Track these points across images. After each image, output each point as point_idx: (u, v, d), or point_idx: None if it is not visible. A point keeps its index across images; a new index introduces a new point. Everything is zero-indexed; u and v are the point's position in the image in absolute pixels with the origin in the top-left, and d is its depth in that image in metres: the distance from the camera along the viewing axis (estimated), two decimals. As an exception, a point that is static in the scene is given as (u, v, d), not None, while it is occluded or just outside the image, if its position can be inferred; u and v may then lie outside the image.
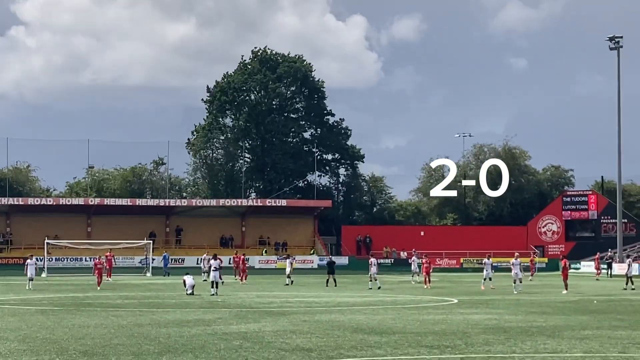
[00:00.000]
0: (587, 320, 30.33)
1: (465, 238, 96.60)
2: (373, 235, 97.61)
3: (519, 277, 50.27)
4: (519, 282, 50.08)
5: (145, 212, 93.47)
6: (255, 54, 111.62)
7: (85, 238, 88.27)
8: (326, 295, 46.40)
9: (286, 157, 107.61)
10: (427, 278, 54.72)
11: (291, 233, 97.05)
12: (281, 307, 37.29)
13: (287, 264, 60.39)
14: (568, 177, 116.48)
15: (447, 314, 33.07)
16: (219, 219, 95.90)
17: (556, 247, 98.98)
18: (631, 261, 58.72)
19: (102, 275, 54.25)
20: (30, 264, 52.72)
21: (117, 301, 40.79)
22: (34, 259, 54.57)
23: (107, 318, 31.08)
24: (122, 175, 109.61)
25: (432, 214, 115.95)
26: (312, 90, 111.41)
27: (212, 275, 46.11)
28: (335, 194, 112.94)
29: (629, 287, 53.48)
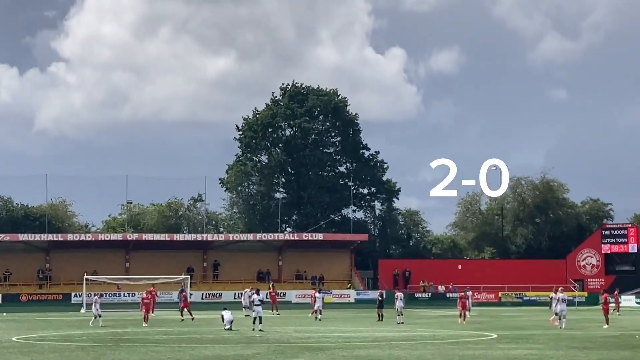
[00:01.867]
0: (629, 356, 29.96)
1: (503, 272, 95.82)
2: (410, 268, 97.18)
3: (563, 313, 47.60)
4: (563, 318, 47.51)
5: (182, 247, 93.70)
6: (284, 90, 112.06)
7: (124, 273, 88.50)
8: (364, 330, 46.19)
9: (322, 191, 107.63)
10: (462, 313, 53.58)
11: (328, 267, 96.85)
12: (319, 342, 37.15)
13: (318, 298, 59.51)
14: (607, 210, 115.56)
15: (487, 349, 32.79)
16: (256, 254, 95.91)
17: (596, 280, 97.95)
18: None
19: (149, 310, 53.25)
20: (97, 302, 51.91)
21: (156, 337, 40.84)
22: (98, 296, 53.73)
23: (147, 354, 31.10)
24: (159, 210, 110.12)
25: (469, 248, 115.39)
26: (346, 123, 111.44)
27: (256, 310, 44.95)
28: (371, 227, 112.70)
29: None
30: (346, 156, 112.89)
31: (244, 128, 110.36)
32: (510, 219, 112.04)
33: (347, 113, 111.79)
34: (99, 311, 51.36)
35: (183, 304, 61.44)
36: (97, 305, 51.51)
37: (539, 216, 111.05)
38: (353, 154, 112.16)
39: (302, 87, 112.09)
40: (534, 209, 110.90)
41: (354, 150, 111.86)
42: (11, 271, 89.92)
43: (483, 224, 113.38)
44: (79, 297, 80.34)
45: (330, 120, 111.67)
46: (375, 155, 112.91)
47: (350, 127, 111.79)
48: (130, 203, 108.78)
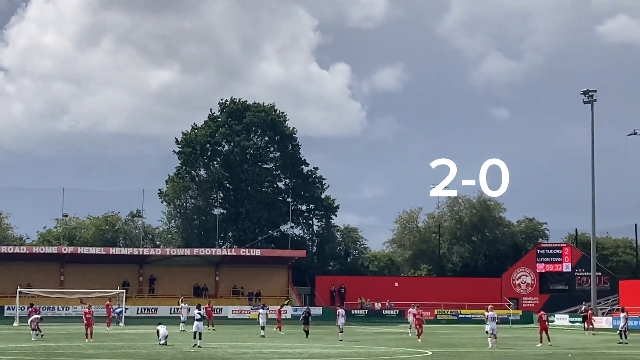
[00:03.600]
0: (561, 374, 30.28)
1: (439, 289, 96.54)
2: (347, 285, 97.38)
3: (494, 332, 47.23)
4: (494, 337, 47.18)
5: (118, 261, 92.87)
6: (222, 105, 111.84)
7: (58, 287, 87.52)
8: (300, 346, 46.13)
9: (260, 207, 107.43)
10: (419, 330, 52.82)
11: (265, 283, 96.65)
12: (254, 357, 37.02)
13: (261, 314, 59.19)
14: (542, 230, 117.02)
15: (421, 366, 32.95)
16: (193, 268, 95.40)
17: (530, 299, 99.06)
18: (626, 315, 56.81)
19: (91, 325, 49.87)
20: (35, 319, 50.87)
21: (89, 351, 40.38)
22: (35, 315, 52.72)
23: (79, 368, 30.76)
24: (95, 224, 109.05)
25: (406, 265, 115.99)
26: (284, 139, 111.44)
27: (195, 325, 44.35)
28: (309, 244, 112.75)
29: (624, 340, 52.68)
30: (285, 172, 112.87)
31: (182, 142, 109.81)
32: (447, 237, 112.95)
33: (286, 128, 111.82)
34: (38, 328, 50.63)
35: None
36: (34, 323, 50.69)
37: (475, 235, 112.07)
38: (292, 170, 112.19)
39: (240, 102, 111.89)
40: (470, 228, 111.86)
41: (293, 166, 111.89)
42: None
43: (420, 242, 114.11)
44: (12, 310, 79.14)
45: (268, 136, 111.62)
46: (314, 171, 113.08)
47: (289, 143, 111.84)
48: (66, 216, 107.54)
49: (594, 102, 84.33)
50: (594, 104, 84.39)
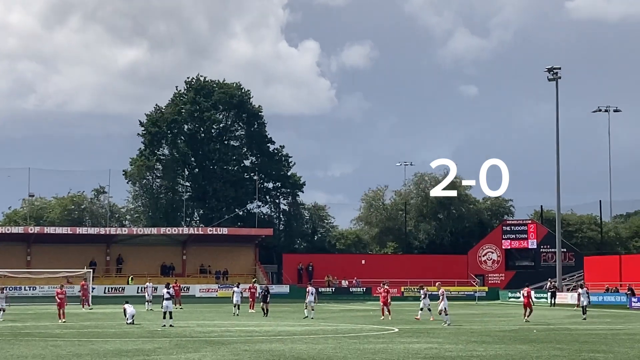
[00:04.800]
0: (526, 350, 30.60)
1: (405, 266, 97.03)
2: (314, 263, 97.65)
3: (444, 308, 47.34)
4: (444, 315, 47.09)
5: (85, 241, 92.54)
6: (188, 83, 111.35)
7: (25, 267, 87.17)
8: (267, 324, 46.29)
9: (227, 185, 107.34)
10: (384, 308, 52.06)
11: (232, 261, 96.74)
12: (221, 336, 37.12)
13: (235, 293, 58.94)
14: (508, 207, 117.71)
15: (387, 343, 33.17)
16: (160, 247, 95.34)
17: (496, 276, 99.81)
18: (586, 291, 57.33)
19: (64, 306, 48.97)
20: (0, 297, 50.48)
21: (55, 331, 40.31)
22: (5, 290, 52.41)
23: (46, 348, 30.71)
24: (61, 203, 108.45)
25: (373, 243, 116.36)
26: (250, 117, 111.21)
27: (165, 304, 43.79)
28: (276, 222, 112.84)
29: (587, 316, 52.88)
30: (251, 150, 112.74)
31: (147, 123, 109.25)
32: (414, 215, 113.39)
33: (252, 106, 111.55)
34: (3, 305, 50.39)
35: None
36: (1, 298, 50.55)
37: (441, 212, 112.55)
38: (258, 148, 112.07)
39: (206, 80, 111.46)
40: (436, 205, 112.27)
41: (258, 144, 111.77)
42: None
43: (387, 219, 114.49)
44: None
45: (234, 114, 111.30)
46: (280, 149, 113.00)
47: (254, 121, 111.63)
48: (32, 196, 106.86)
49: (559, 79, 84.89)
50: (558, 81, 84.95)
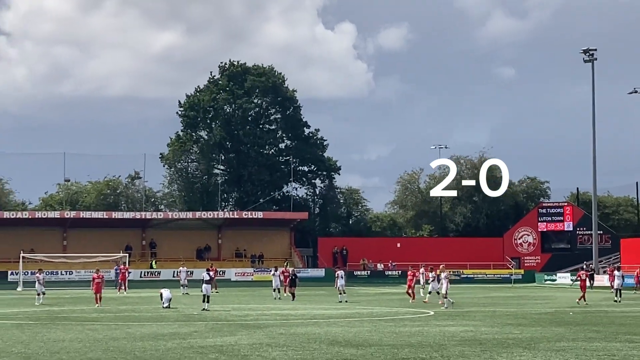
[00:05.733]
0: (563, 332, 30.41)
1: (441, 249, 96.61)
2: (349, 247, 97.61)
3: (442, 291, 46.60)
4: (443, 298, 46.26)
5: (121, 225, 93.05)
6: (222, 68, 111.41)
7: (61, 251, 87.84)
8: (302, 307, 46.33)
9: (262, 169, 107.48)
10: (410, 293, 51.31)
11: (267, 245, 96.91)
12: (257, 319, 37.20)
13: (275, 277, 58.68)
14: (544, 189, 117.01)
15: (423, 326, 33.08)
16: (195, 232, 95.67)
17: (532, 258, 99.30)
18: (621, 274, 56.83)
19: (100, 290, 49.17)
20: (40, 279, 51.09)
21: (92, 315, 40.57)
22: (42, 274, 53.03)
23: (83, 332, 30.90)
24: (97, 188, 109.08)
25: (409, 226, 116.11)
26: (285, 101, 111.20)
27: (204, 288, 43.49)
28: (311, 205, 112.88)
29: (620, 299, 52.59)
30: (286, 133, 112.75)
31: (186, 105, 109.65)
32: (449, 198, 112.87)
33: (287, 90, 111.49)
34: (42, 289, 50.78)
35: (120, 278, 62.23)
36: (40, 282, 50.94)
37: (477, 195, 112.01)
38: (293, 132, 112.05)
39: (240, 65, 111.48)
40: (472, 188, 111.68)
41: (294, 127, 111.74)
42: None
43: (422, 203, 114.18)
44: (15, 275, 79.50)
45: (269, 98, 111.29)
46: (315, 132, 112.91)
47: (290, 105, 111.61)
48: (68, 181, 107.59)
49: (595, 61, 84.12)
50: (594, 63, 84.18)
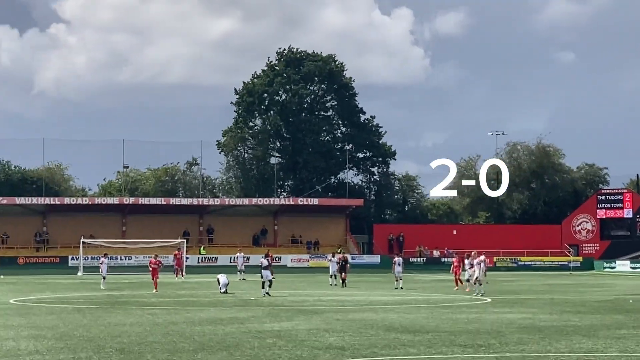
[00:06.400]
0: (623, 320, 30.16)
1: (498, 237, 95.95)
2: (405, 233, 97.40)
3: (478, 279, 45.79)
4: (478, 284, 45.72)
5: (178, 212, 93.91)
6: (280, 55, 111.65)
7: (120, 237, 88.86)
8: (359, 293, 46.45)
9: (317, 156, 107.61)
10: (456, 279, 50.97)
11: (323, 232, 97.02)
12: (314, 305, 37.39)
13: (332, 263, 58.34)
14: (603, 175, 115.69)
15: (480, 313, 33.01)
16: (252, 218, 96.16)
17: (591, 246, 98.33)
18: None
19: (157, 276, 48.90)
20: (104, 263, 52.27)
21: (151, 299, 41.06)
22: (107, 258, 53.58)
23: (143, 316, 31.32)
24: (155, 175, 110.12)
25: (465, 213, 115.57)
26: (342, 88, 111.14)
27: (264, 274, 43.61)
28: (367, 192, 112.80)
29: None
30: (342, 120, 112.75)
31: (241, 92, 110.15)
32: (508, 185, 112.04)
33: (343, 77, 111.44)
34: (105, 273, 51.61)
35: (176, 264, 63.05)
36: (103, 267, 51.75)
37: (534, 181, 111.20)
38: (349, 118, 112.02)
39: (298, 51, 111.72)
40: (529, 174, 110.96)
41: (350, 114, 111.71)
42: (8, 234, 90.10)
43: (479, 189, 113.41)
44: (75, 260, 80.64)
45: (325, 85, 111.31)
46: (371, 119, 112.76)
47: (346, 92, 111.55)
48: (126, 167, 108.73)
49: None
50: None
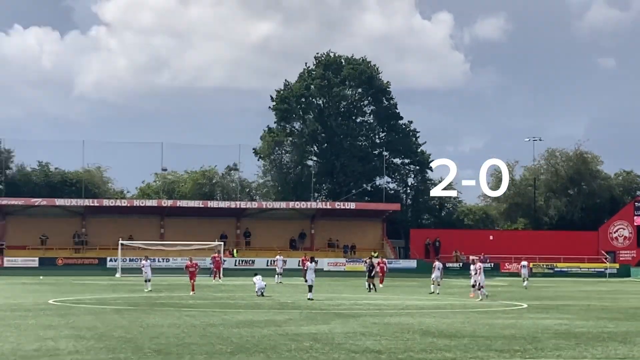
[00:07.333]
0: (658, 327, 30.06)
1: (535, 243, 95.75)
2: (442, 238, 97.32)
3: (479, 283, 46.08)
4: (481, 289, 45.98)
5: (216, 214, 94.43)
6: (318, 59, 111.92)
7: (158, 239, 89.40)
8: (395, 298, 46.57)
9: (354, 160, 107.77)
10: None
11: (360, 236, 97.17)
12: (350, 309, 37.56)
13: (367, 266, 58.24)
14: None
15: (517, 319, 33.04)
16: (289, 222, 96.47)
17: (628, 252, 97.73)
18: None
19: (194, 278, 49.67)
20: (146, 265, 52.18)
21: (189, 301, 41.43)
22: (149, 260, 54.26)
23: (181, 318, 31.64)
24: (193, 178, 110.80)
25: (502, 218, 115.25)
26: (379, 92, 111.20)
27: (309, 278, 43.98)
28: (403, 197, 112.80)
29: None
30: (380, 125, 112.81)
31: (277, 99, 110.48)
32: (543, 190, 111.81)
33: (380, 82, 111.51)
34: (149, 275, 51.82)
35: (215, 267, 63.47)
36: (146, 269, 51.94)
37: (572, 188, 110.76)
38: (387, 123, 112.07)
39: (335, 56, 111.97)
40: (567, 181, 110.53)
41: (387, 119, 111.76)
42: (48, 235, 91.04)
43: (516, 195, 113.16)
44: (114, 261, 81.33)
45: (363, 89, 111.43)
46: (408, 124, 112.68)
47: (383, 96, 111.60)
48: (165, 170, 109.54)
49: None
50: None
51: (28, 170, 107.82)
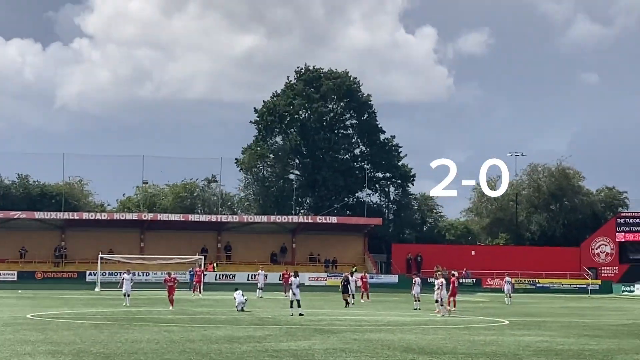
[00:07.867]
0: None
1: (516, 258, 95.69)
2: (423, 253, 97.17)
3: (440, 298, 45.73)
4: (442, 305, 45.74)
5: (197, 228, 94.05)
6: (298, 73, 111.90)
7: (139, 253, 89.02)
8: (376, 313, 46.35)
9: (336, 174, 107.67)
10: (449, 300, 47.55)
11: (341, 250, 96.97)
12: (331, 324, 37.31)
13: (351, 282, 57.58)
14: (622, 199, 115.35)
15: (498, 335, 32.86)
16: (270, 235, 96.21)
17: (610, 269, 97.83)
18: None
19: (173, 293, 48.70)
20: (126, 279, 51.50)
21: (168, 316, 41.09)
22: (130, 274, 53.43)
23: (159, 333, 31.32)
24: (174, 191, 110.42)
25: (483, 233, 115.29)
26: (360, 106, 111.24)
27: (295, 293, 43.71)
28: (385, 211, 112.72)
29: None
30: (362, 139, 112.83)
31: (260, 112, 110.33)
32: (525, 206, 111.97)
33: (361, 95, 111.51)
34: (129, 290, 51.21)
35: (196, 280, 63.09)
36: (127, 284, 51.34)
37: (554, 203, 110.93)
38: (368, 137, 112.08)
39: (316, 70, 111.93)
40: (549, 196, 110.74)
41: (369, 133, 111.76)
42: (27, 249, 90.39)
43: (498, 210, 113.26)
44: (93, 275, 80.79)
45: (344, 103, 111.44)
46: (390, 139, 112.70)
47: (365, 110, 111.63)
48: (145, 183, 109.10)
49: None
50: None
51: (7, 183, 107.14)
